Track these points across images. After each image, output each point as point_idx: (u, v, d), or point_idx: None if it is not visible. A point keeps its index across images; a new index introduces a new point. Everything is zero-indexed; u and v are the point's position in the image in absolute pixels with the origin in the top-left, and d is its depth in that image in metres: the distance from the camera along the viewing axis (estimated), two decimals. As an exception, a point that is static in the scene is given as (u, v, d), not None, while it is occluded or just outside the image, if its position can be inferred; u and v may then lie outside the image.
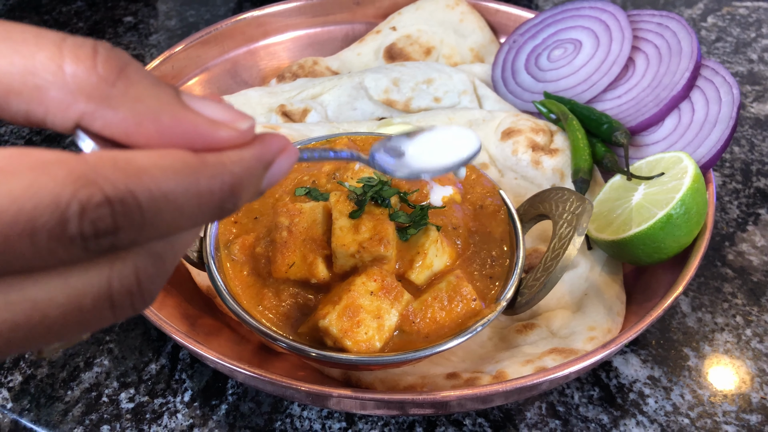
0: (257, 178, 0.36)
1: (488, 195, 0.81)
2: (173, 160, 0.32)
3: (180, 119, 0.33)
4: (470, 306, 0.69)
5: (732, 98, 0.88)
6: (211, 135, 0.34)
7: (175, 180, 0.31)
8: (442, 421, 0.75)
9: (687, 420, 0.76)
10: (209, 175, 0.33)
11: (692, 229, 0.77)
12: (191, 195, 0.32)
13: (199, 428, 0.75)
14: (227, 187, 0.33)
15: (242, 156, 0.35)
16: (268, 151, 0.36)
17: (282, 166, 0.37)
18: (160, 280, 0.35)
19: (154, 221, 0.31)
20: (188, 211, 0.32)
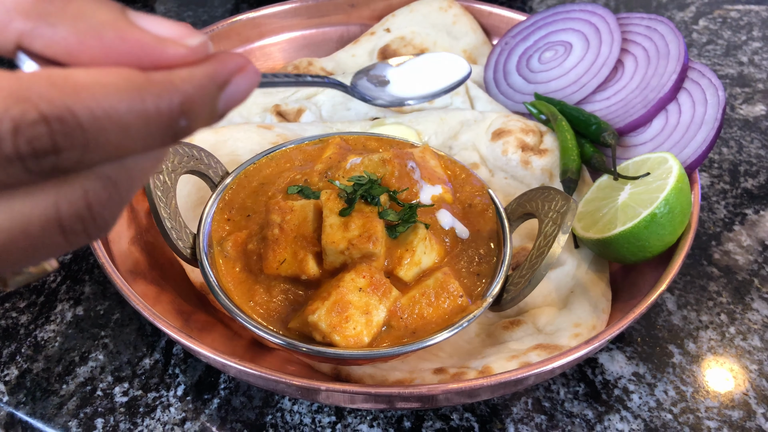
0: (211, 98, 0.34)
1: (477, 194, 0.83)
2: (116, 77, 0.30)
3: (124, 36, 0.31)
4: (457, 302, 0.71)
5: (718, 100, 0.90)
6: (157, 52, 0.32)
7: (117, 98, 0.30)
8: (429, 416, 0.77)
9: (670, 415, 0.77)
10: (156, 94, 0.31)
11: (676, 228, 0.78)
12: (137, 114, 0.30)
13: (191, 422, 0.76)
14: (176, 106, 0.32)
15: (193, 74, 0.33)
16: (223, 70, 0.34)
17: (240, 87, 0.35)
18: (114, 206, 0.33)
19: (99, 141, 0.30)
20: (135, 131, 0.31)
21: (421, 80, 0.60)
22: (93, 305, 0.88)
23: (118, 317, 0.87)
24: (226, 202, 0.80)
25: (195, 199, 0.90)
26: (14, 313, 0.87)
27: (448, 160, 0.87)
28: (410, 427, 0.76)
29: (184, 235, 0.75)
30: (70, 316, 0.87)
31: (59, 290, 0.90)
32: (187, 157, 0.79)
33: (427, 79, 0.60)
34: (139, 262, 0.87)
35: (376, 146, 0.89)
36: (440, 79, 0.60)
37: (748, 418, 0.77)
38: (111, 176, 0.33)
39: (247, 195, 0.81)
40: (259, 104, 1.08)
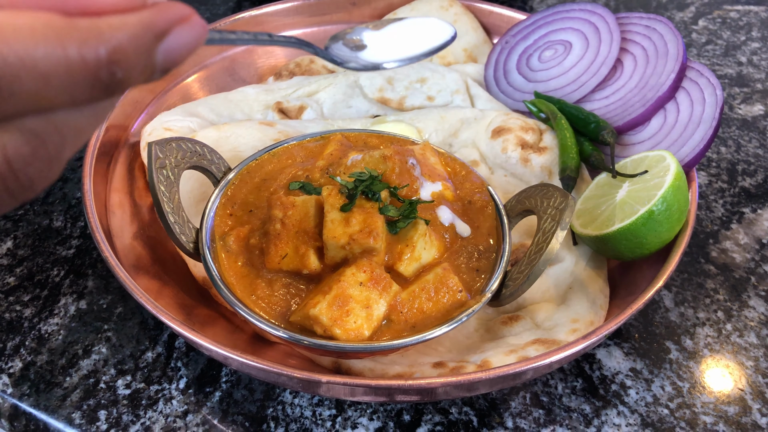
0: (146, 50, 0.31)
1: (477, 191, 0.84)
2: (33, 20, 0.28)
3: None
4: (456, 297, 0.72)
5: (715, 99, 0.91)
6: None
7: (33, 43, 0.27)
8: (429, 409, 0.78)
9: (666, 411, 0.78)
10: (79, 40, 0.28)
11: (673, 225, 0.79)
12: (57, 62, 0.28)
13: (193, 414, 0.77)
14: (104, 56, 0.29)
15: (125, 21, 0.30)
16: (160, 18, 0.31)
17: (181, 38, 0.32)
18: (41, 163, 0.31)
19: (13, 90, 0.27)
20: (57, 81, 0.28)
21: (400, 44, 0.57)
22: (96, 299, 0.89)
23: (121, 311, 0.88)
24: (228, 198, 0.81)
25: (197, 195, 0.91)
26: (18, 306, 0.88)
27: (448, 157, 0.88)
28: (409, 421, 0.76)
29: (187, 229, 0.76)
30: (74, 310, 0.88)
31: (63, 284, 0.91)
32: (190, 152, 0.80)
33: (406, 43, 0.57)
34: (141, 256, 0.88)
35: (376, 143, 0.90)
36: (420, 43, 0.57)
37: (744, 414, 0.78)
38: (36, 131, 0.30)
39: (250, 191, 0.82)
40: (261, 101, 1.09)
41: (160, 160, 0.76)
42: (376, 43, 0.56)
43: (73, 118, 0.32)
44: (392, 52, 0.55)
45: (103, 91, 0.30)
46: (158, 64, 0.32)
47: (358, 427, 0.76)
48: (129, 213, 0.93)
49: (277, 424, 0.76)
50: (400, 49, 0.56)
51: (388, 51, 0.55)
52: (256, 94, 1.09)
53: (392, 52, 0.55)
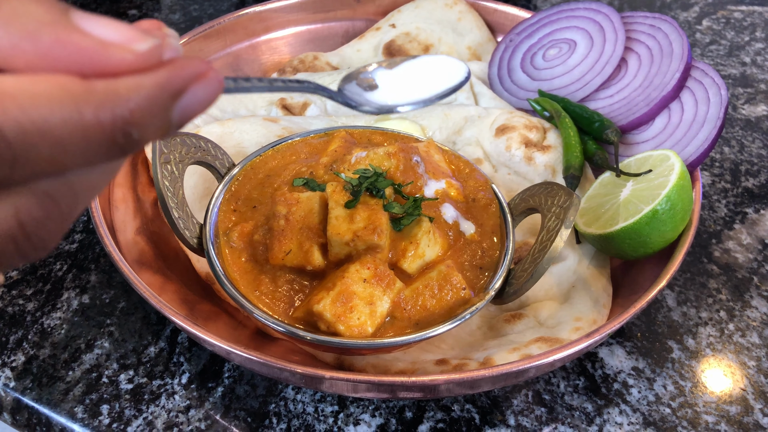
0: (162, 110, 0.31)
1: (481, 189, 0.84)
2: (49, 85, 0.27)
3: (63, 40, 0.28)
4: (460, 295, 0.72)
5: (720, 99, 0.91)
6: (100, 58, 0.29)
7: (49, 109, 0.27)
8: (431, 406, 0.78)
9: (668, 410, 0.78)
10: (96, 105, 0.28)
11: (677, 225, 0.79)
12: (74, 128, 0.28)
13: (195, 409, 0.77)
14: (120, 119, 0.29)
15: (141, 83, 0.30)
16: (177, 78, 0.31)
17: (198, 96, 0.32)
18: (55, 223, 0.31)
19: (29, 157, 0.27)
20: (73, 146, 0.28)
21: (413, 85, 0.57)
22: (99, 294, 0.89)
23: (124, 306, 0.88)
24: (232, 193, 0.81)
25: (201, 190, 0.91)
26: (21, 301, 0.88)
27: (452, 155, 0.88)
28: (411, 418, 0.77)
29: (191, 225, 0.76)
30: (76, 304, 0.88)
31: (65, 278, 0.91)
32: (195, 148, 0.80)
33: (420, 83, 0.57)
34: (144, 252, 0.88)
35: (381, 140, 0.90)
36: (434, 84, 0.57)
37: (746, 414, 0.78)
38: (50, 192, 0.30)
39: (254, 186, 0.82)
40: (264, 97, 1.09)
41: (164, 155, 0.76)
42: (389, 83, 0.55)
43: (86, 177, 0.32)
44: (406, 94, 0.54)
45: (118, 152, 0.30)
46: (174, 122, 0.32)
47: (360, 423, 0.76)
48: (132, 208, 0.93)
49: (280, 419, 0.76)
50: (414, 90, 0.55)
51: (401, 92, 0.55)
52: (260, 91, 1.09)
53: (406, 93, 0.55)
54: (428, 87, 0.57)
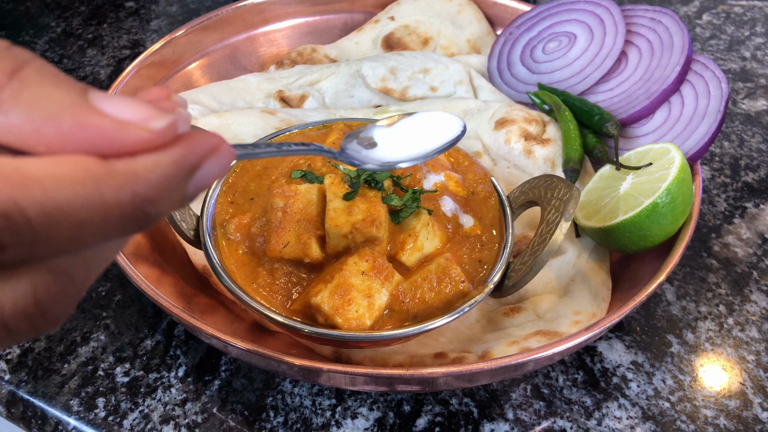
0: (178, 186, 0.32)
1: (480, 182, 0.83)
2: (71, 168, 0.28)
3: (82, 122, 0.29)
4: (458, 287, 0.71)
5: (721, 92, 0.90)
6: (119, 137, 0.30)
7: (72, 191, 0.27)
8: (429, 400, 0.77)
9: (667, 404, 0.78)
10: (116, 186, 0.29)
11: (677, 218, 0.79)
12: (94, 208, 0.28)
13: (192, 402, 0.77)
14: (139, 198, 0.30)
15: (158, 162, 0.30)
16: (191, 155, 0.32)
17: (212, 170, 0.33)
18: (68, 299, 0.31)
19: (50, 237, 0.27)
20: (92, 226, 0.29)
21: (411, 141, 0.59)
22: (95, 286, 0.88)
23: (120, 299, 0.87)
24: (229, 185, 0.80)
25: (198, 183, 0.90)
26: (16, 293, 0.87)
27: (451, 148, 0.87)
28: (409, 411, 0.76)
29: (187, 216, 0.75)
30: (72, 297, 0.87)
31: (61, 271, 0.90)
32: (192, 139, 0.79)
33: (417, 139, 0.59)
34: (141, 245, 0.88)
35: (379, 133, 0.89)
36: (432, 140, 0.59)
37: (745, 408, 0.77)
38: (65, 269, 0.30)
39: (251, 178, 0.81)
40: (262, 90, 1.08)
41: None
42: (388, 141, 0.58)
43: (100, 251, 0.32)
44: (405, 150, 0.57)
45: (135, 228, 0.31)
46: (188, 196, 0.33)
47: (357, 417, 0.76)
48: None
49: (277, 413, 0.76)
50: (412, 146, 0.57)
51: (400, 148, 0.57)
52: (258, 83, 1.08)
53: (404, 149, 0.57)
54: (426, 143, 0.59)
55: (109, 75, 1.29)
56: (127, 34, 1.41)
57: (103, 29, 1.42)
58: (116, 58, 1.33)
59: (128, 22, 1.44)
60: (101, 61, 1.32)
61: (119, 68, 1.30)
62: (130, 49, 1.36)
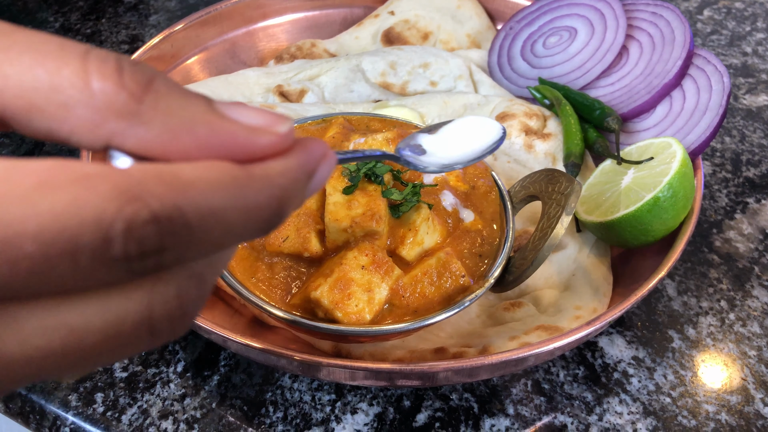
0: (302, 189, 0.33)
1: (480, 176, 0.82)
2: (220, 173, 0.29)
3: (217, 129, 0.30)
4: (459, 282, 0.71)
5: (722, 87, 0.90)
6: (251, 143, 0.31)
7: (222, 194, 0.29)
8: (429, 395, 0.77)
9: (669, 399, 0.77)
10: (257, 189, 0.30)
11: (679, 212, 0.78)
12: (240, 210, 0.29)
13: (191, 398, 0.76)
14: (275, 201, 0.31)
15: (287, 166, 0.32)
16: (312, 159, 0.33)
17: (323, 174, 0.34)
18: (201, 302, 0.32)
19: (202, 239, 0.28)
20: (236, 227, 0.30)
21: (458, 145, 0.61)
22: (93, 281, 0.88)
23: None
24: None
25: (197, 177, 0.90)
26: (14, 288, 0.86)
27: (452, 142, 0.87)
28: (409, 406, 0.76)
29: None
30: (71, 292, 0.86)
31: (59, 266, 0.89)
32: (190, 133, 0.79)
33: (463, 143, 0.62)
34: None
35: (379, 127, 0.89)
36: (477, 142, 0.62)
37: (746, 403, 0.77)
38: (201, 272, 0.31)
39: (250, 173, 0.81)
40: (261, 85, 1.07)
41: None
42: (436, 147, 0.60)
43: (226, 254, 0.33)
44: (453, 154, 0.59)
45: (267, 230, 0.32)
46: (306, 198, 0.34)
47: (357, 412, 0.75)
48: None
49: (276, 408, 0.75)
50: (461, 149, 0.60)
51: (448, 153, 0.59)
52: (257, 77, 1.08)
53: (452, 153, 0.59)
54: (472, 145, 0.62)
55: (107, 70, 1.28)
56: (125, 29, 1.40)
57: (102, 24, 1.41)
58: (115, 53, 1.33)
59: (127, 17, 1.44)
60: (100, 56, 1.32)
61: (118, 63, 1.30)
62: (129, 44, 1.36)
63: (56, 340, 0.27)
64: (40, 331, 0.26)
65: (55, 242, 0.25)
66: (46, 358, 0.27)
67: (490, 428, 0.74)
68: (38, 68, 0.27)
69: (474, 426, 0.74)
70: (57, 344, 0.27)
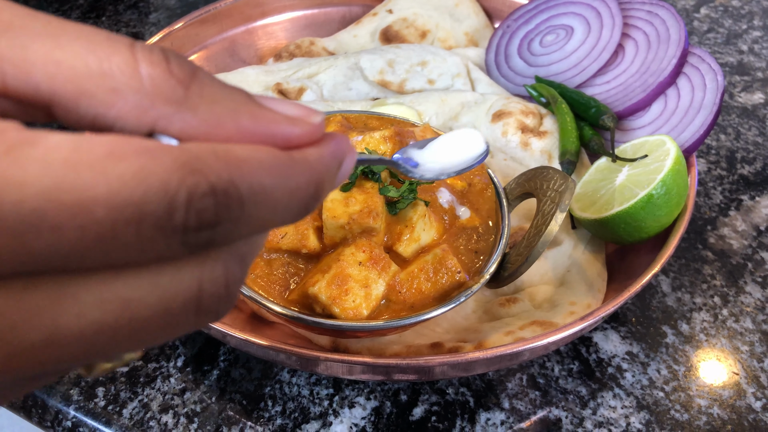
0: (334, 176, 0.35)
1: (476, 174, 0.83)
2: (267, 154, 0.30)
3: (259, 117, 0.32)
4: (455, 278, 0.72)
5: (716, 85, 0.91)
6: (289, 131, 0.32)
7: (270, 174, 0.30)
8: (425, 389, 0.78)
9: (662, 393, 0.78)
10: (299, 171, 0.31)
11: (672, 209, 0.79)
12: (285, 191, 0.30)
13: (191, 392, 0.77)
14: (314, 184, 0.32)
15: (322, 153, 0.33)
16: (341, 149, 0.35)
17: (348, 165, 0.36)
18: (240, 284, 0.33)
19: (251, 216, 0.29)
20: (281, 207, 0.31)
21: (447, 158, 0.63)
22: (94, 277, 0.89)
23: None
24: (227, 177, 0.80)
25: (196, 174, 0.91)
26: (16, 284, 0.87)
27: (449, 140, 0.88)
28: (406, 400, 0.77)
29: None
30: (72, 288, 0.88)
31: (61, 262, 0.90)
32: (190, 131, 0.80)
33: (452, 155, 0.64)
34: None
35: (377, 125, 0.90)
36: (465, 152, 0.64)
37: (738, 398, 0.78)
38: (244, 253, 0.32)
39: (249, 170, 0.81)
40: (260, 82, 1.08)
41: None
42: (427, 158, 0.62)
43: (263, 238, 0.35)
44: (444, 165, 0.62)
45: (303, 213, 0.33)
46: (335, 187, 0.36)
47: (355, 406, 0.76)
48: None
49: (275, 402, 0.77)
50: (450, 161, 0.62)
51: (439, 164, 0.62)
52: (256, 75, 1.09)
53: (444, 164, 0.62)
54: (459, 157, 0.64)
55: (107, 68, 1.29)
56: (125, 28, 1.41)
57: (102, 22, 1.42)
58: (115, 51, 1.34)
59: (127, 15, 1.44)
60: (100, 54, 1.32)
61: (118, 61, 1.30)
62: (129, 42, 1.36)
63: (110, 314, 0.27)
64: (97, 305, 0.27)
65: (124, 208, 0.25)
66: (99, 334, 0.27)
67: (486, 422, 0.75)
68: (89, 55, 0.28)
69: (470, 420, 0.75)
70: (110, 319, 0.27)
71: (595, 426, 0.75)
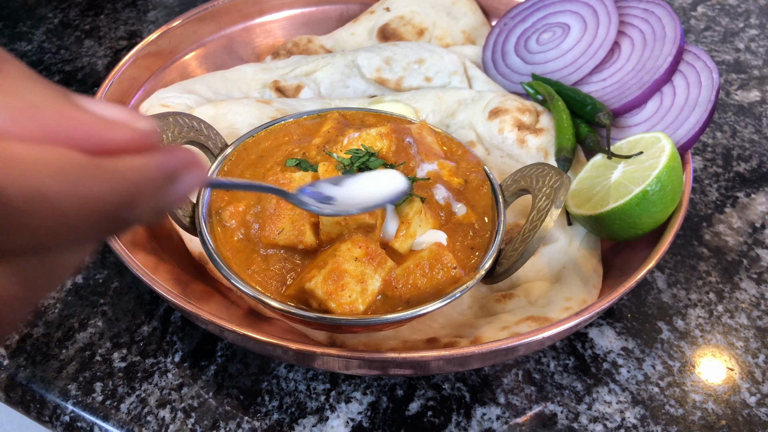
0: (159, 191, 0.31)
1: (473, 170, 0.84)
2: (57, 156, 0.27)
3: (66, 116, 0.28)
4: (450, 274, 0.72)
5: (712, 82, 0.91)
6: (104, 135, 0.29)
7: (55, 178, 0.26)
8: (422, 384, 0.78)
9: (657, 389, 0.79)
10: (101, 180, 0.28)
11: (667, 206, 0.80)
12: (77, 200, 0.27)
13: (188, 387, 0.78)
14: (120, 195, 0.29)
15: (143, 163, 0.30)
16: (174, 161, 0.32)
17: (188, 183, 0.33)
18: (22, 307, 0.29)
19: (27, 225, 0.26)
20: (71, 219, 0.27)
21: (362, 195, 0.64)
22: (92, 274, 0.89)
23: (117, 286, 0.88)
24: (225, 173, 0.81)
25: (194, 171, 0.91)
26: (14, 280, 0.88)
27: (445, 137, 0.88)
28: (402, 395, 0.77)
29: (183, 204, 0.76)
30: (70, 284, 0.88)
31: (59, 259, 0.91)
32: (187, 127, 0.80)
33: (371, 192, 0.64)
34: (138, 232, 0.89)
35: (374, 122, 0.90)
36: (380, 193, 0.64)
37: (733, 393, 0.79)
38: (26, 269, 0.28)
39: (246, 167, 0.82)
40: (258, 80, 1.09)
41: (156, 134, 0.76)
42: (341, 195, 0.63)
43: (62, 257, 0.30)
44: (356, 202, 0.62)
45: (111, 230, 0.30)
46: (165, 206, 0.32)
47: (351, 401, 0.77)
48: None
49: (272, 397, 0.77)
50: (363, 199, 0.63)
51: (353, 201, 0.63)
52: (254, 73, 1.09)
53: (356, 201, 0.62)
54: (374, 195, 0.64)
55: (106, 66, 1.29)
56: (124, 25, 1.41)
57: (100, 20, 1.43)
58: (113, 48, 1.34)
59: (125, 13, 1.45)
60: (98, 52, 1.33)
61: (116, 59, 1.31)
62: (127, 39, 1.37)
63: None
64: None
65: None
66: None
67: (482, 417, 0.76)
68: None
69: (465, 415, 0.76)
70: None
71: (590, 421, 0.76)
